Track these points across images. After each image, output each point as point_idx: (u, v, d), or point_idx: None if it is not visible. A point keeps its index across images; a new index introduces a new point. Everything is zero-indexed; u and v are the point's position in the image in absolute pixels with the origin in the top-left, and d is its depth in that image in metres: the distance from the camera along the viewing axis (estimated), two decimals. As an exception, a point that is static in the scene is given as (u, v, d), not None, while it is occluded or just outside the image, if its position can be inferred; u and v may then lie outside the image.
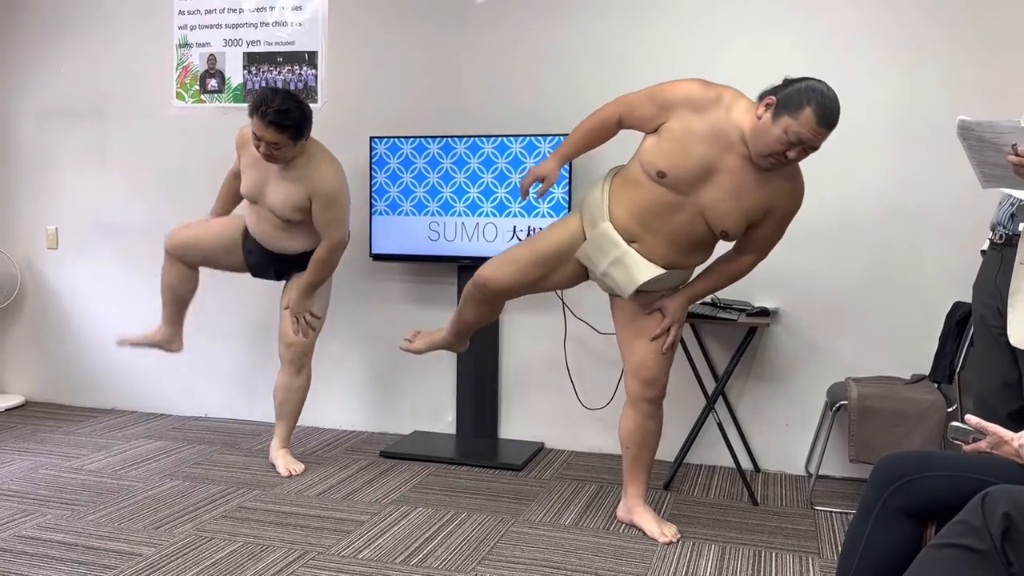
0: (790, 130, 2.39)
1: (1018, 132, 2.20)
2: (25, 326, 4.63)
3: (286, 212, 3.26)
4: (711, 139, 2.52)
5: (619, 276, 2.70)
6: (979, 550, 1.36)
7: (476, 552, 2.67)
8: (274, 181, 3.26)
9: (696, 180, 2.55)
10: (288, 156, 3.17)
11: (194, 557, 2.59)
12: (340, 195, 3.27)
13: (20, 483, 3.26)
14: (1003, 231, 2.37)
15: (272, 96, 3.06)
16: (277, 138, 3.07)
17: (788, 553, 2.72)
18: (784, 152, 2.42)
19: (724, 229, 2.62)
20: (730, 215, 2.57)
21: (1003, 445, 1.68)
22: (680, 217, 2.62)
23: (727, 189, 2.54)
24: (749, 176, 2.53)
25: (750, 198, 2.56)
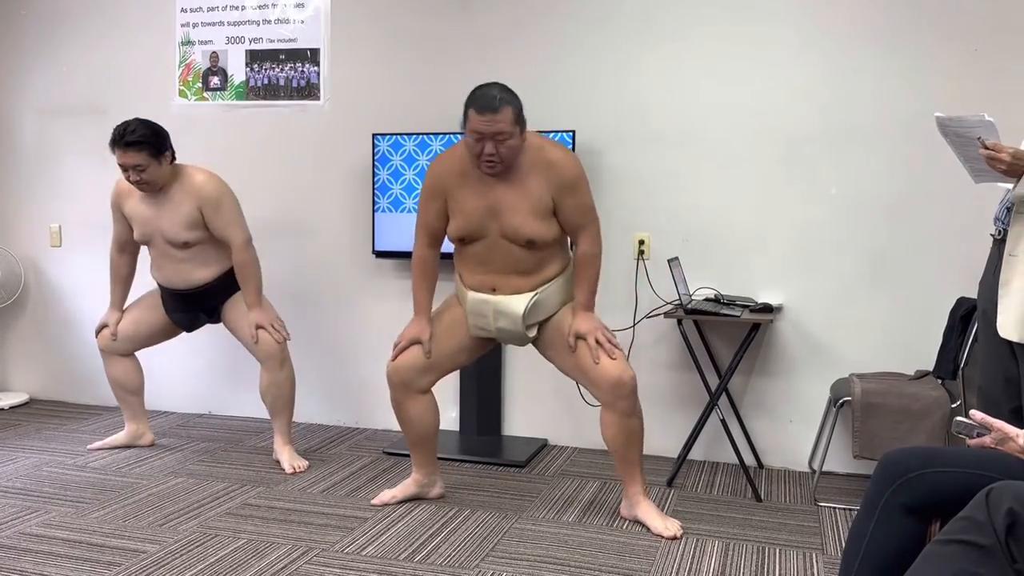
0: (469, 133, 2.65)
1: (983, 125, 2.21)
2: (29, 324, 4.64)
3: (182, 233, 3.34)
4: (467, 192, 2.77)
5: (508, 323, 2.85)
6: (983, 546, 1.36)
7: (479, 549, 2.67)
8: (160, 211, 3.36)
9: (481, 223, 2.77)
10: (157, 177, 3.29)
11: (198, 554, 2.59)
12: (224, 195, 3.36)
13: (24, 480, 3.27)
14: (1001, 226, 2.37)
15: (121, 125, 3.26)
16: (138, 158, 3.23)
17: (792, 549, 2.72)
18: (481, 151, 2.64)
19: (527, 239, 2.74)
20: (522, 226, 2.72)
21: (1008, 441, 1.68)
22: (502, 252, 2.78)
23: (504, 212, 2.73)
24: (504, 191, 2.72)
25: (522, 199, 2.71)
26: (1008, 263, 2.28)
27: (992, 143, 2.20)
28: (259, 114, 4.17)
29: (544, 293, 2.83)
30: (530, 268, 2.80)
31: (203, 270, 3.44)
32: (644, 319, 3.67)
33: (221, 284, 3.47)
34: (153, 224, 3.40)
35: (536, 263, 2.80)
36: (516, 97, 2.66)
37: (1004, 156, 2.18)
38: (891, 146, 3.39)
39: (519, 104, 2.66)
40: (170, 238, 3.37)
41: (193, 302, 3.50)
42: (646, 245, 3.68)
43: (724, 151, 3.57)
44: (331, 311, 4.14)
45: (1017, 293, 2.24)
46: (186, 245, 3.38)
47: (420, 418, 2.97)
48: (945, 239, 3.35)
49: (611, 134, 3.68)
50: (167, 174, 3.33)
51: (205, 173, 3.39)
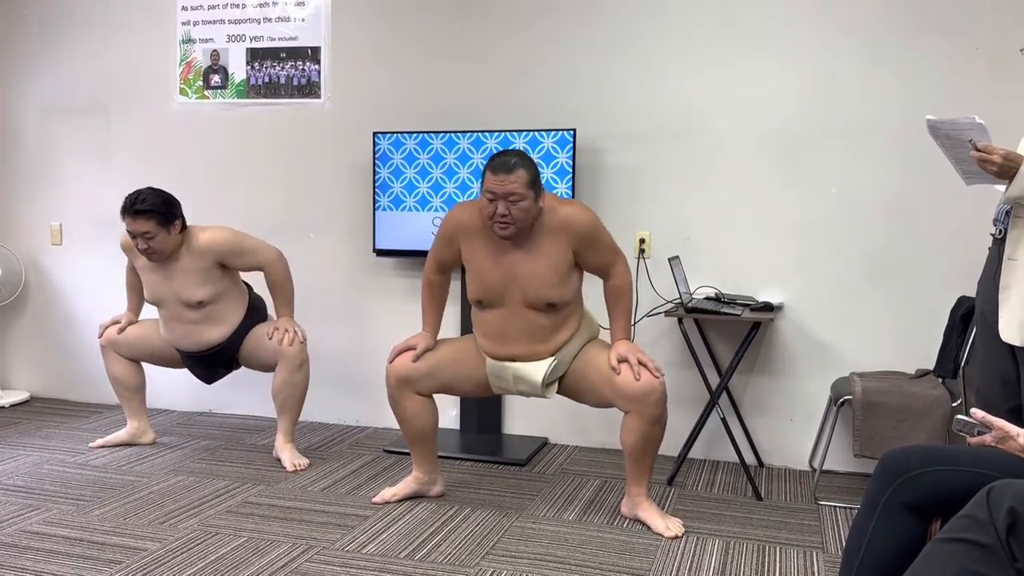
0: (483, 193, 2.70)
1: (975, 128, 2.22)
2: (29, 322, 4.64)
3: (197, 292, 3.34)
4: (486, 252, 2.79)
5: (529, 388, 2.87)
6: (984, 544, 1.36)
7: (480, 547, 2.68)
8: (172, 274, 3.36)
9: (501, 290, 2.78)
10: (166, 245, 3.28)
11: (199, 552, 2.59)
12: (233, 235, 3.37)
13: (25, 478, 3.27)
14: (1001, 227, 2.37)
15: (133, 193, 3.27)
16: (147, 226, 3.23)
17: (792, 548, 2.72)
18: (493, 212, 2.67)
19: (549, 303, 2.76)
20: (542, 289, 2.74)
21: (1008, 440, 1.68)
22: (521, 320, 2.79)
23: (523, 277, 2.75)
24: (525, 256, 2.75)
25: (542, 265, 2.73)
26: (1008, 267, 2.29)
27: (983, 145, 2.21)
28: (260, 112, 4.17)
29: (562, 353, 2.84)
30: (548, 333, 2.80)
31: (216, 330, 3.43)
32: (645, 318, 3.67)
33: (234, 340, 3.48)
34: (165, 288, 3.39)
35: (554, 326, 2.80)
36: (533, 164, 2.70)
37: (995, 158, 2.18)
38: (891, 145, 3.39)
39: (535, 170, 2.69)
40: (185, 299, 3.36)
41: (209, 360, 3.52)
42: (647, 244, 3.68)
43: (725, 150, 3.57)
44: (331, 309, 4.14)
45: (1017, 297, 2.25)
46: (200, 304, 3.36)
47: (417, 416, 2.98)
48: (946, 238, 3.35)
49: (612, 133, 3.68)
50: (176, 243, 3.32)
51: (208, 230, 3.36)
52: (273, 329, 3.43)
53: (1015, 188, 2.19)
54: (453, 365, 2.93)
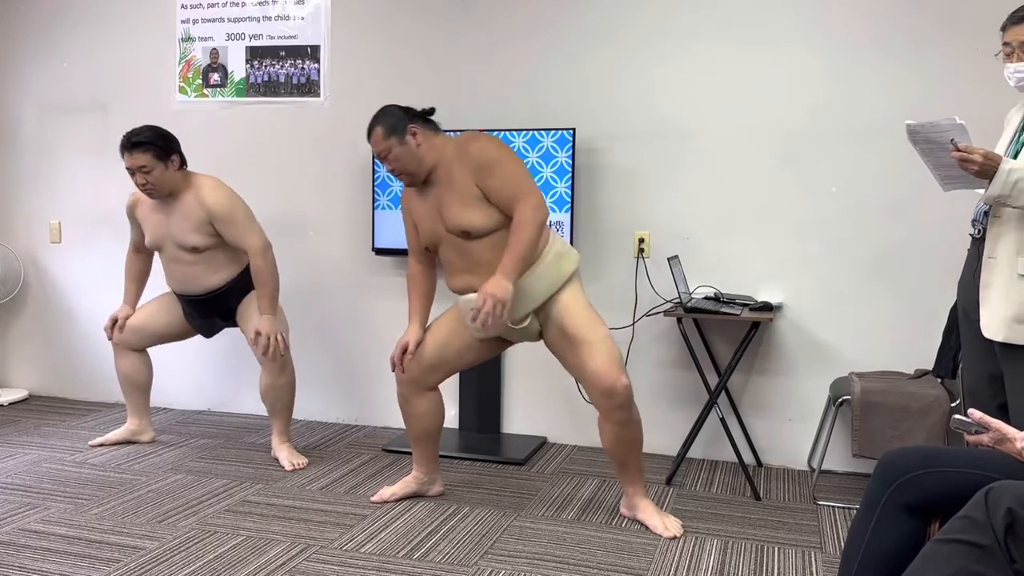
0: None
1: (955, 128, 2.24)
2: (28, 320, 4.64)
3: (192, 237, 3.35)
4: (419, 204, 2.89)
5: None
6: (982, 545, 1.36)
7: (478, 546, 2.67)
8: (170, 217, 3.37)
9: (433, 227, 2.85)
10: (165, 181, 3.30)
11: (197, 551, 2.59)
12: (234, 204, 3.35)
13: (23, 477, 3.27)
14: (980, 226, 2.40)
15: (131, 131, 3.30)
16: (144, 160, 3.25)
17: (791, 548, 2.72)
18: (391, 173, 2.87)
19: (462, 229, 2.77)
20: (456, 217, 2.76)
21: (1006, 442, 1.68)
22: (458, 249, 2.81)
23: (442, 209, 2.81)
24: (438, 191, 2.81)
25: (451, 195, 2.77)
26: (987, 265, 2.33)
27: (964, 145, 2.23)
28: (259, 111, 4.16)
29: (524, 281, 2.75)
30: (489, 261, 2.77)
31: (214, 275, 3.43)
32: (644, 317, 3.67)
33: (234, 288, 3.47)
34: (163, 229, 3.40)
35: (492, 247, 2.76)
36: (388, 114, 2.78)
37: (976, 157, 2.21)
38: (891, 145, 3.38)
39: (390, 118, 2.77)
40: (180, 242, 3.37)
41: (208, 307, 3.50)
42: (646, 243, 3.68)
43: (724, 149, 3.57)
44: (331, 308, 4.14)
45: (997, 295, 2.30)
46: (195, 250, 3.37)
47: (426, 414, 2.98)
48: (944, 238, 3.35)
49: (611, 132, 3.68)
50: (175, 179, 3.33)
51: (214, 183, 3.36)
52: (255, 333, 3.37)
53: (995, 187, 2.22)
54: (453, 340, 2.92)
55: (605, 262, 3.73)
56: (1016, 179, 2.19)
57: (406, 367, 2.93)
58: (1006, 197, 2.22)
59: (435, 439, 3.03)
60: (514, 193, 2.69)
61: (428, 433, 3.01)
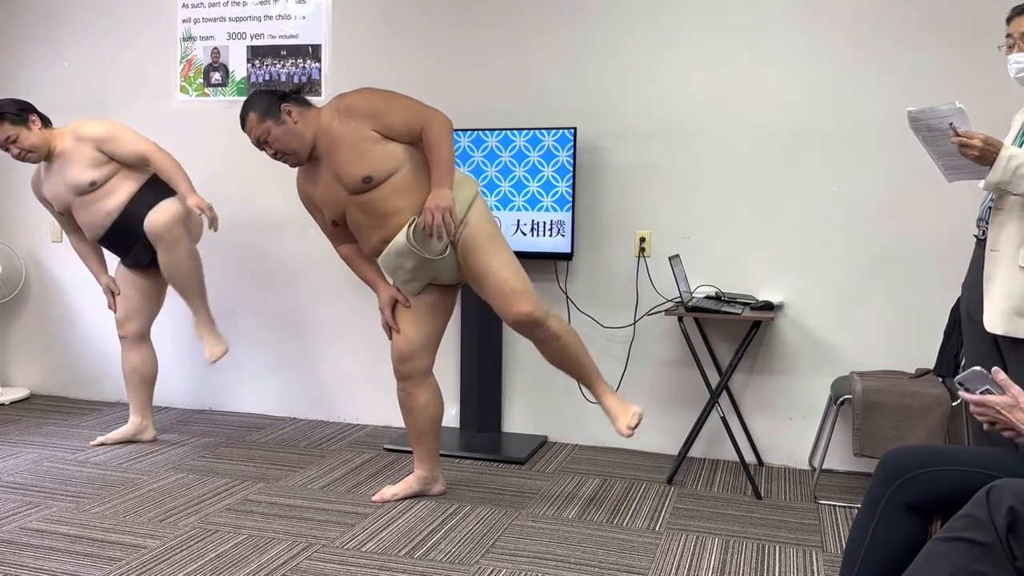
0: None
1: (955, 113, 2.22)
2: (30, 319, 4.64)
3: (87, 174, 3.43)
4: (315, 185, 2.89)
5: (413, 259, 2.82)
6: (984, 543, 1.36)
7: (479, 545, 2.68)
8: (62, 170, 3.47)
9: (333, 197, 2.85)
10: (35, 142, 3.41)
11: (199, 549, 2.60)
12: (110, 124, 3.46)
13: (25, 476, 3.27)
14: (984, 226, 2.38)
15: None
16: (7, 131, 3.36)
17: (792, 547, 2.72)
18: (272, 158, 2.88)
19: (362, 177, 2.76)
20: (350, 171, 2.76)
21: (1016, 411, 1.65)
22: (362, 206, 2.81)
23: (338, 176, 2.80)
24: (326, 161, 2.81)
25: (341, 155, 2.77)
26: (990, 258, 2.31)
27: (964, 130, 2.21)
28: (260, 110, 4.16)
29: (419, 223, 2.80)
30: (396, 205, 2.79)
31: (113, 198, 3.47)
32: (645, 316, 3.67)
33: (135, 207, 3.49)
34: (61, 187, 3.49)
35: (396, 194, 2.79)
36: (258, 97, 2.79)
37: (976, 143, 2.19)
38: (892, 144, 3.38)
39: (261, 102, 2.78)
40: (78, 186, 3.44)
41: (123, 235, 3.52)
42: (647, 243, 3.68)
43: (725, 149, 3.57)
44: (331, 307, 4.14)
45: (1000, 287, 2.28)
46: (92, 185, 3.43)
47: (427, 405, 3.00)
48: (946, 237, 3.35)
49: (612, 132, 3.68)
50: (44, 139, 3.43)
51: (82, 122, 3.47)
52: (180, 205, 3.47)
53: (995, 173, 2.20)
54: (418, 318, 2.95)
55: (606, 261, 3.73)
56: (1017, 165, 2.16)
57: (401, 358, 2.94)
58: (1006, 184, 2.19)
59: (436, 433, 3.05)
60: (416, 117, 2.77)
61: (430, 425, 3.02)
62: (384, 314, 2.97)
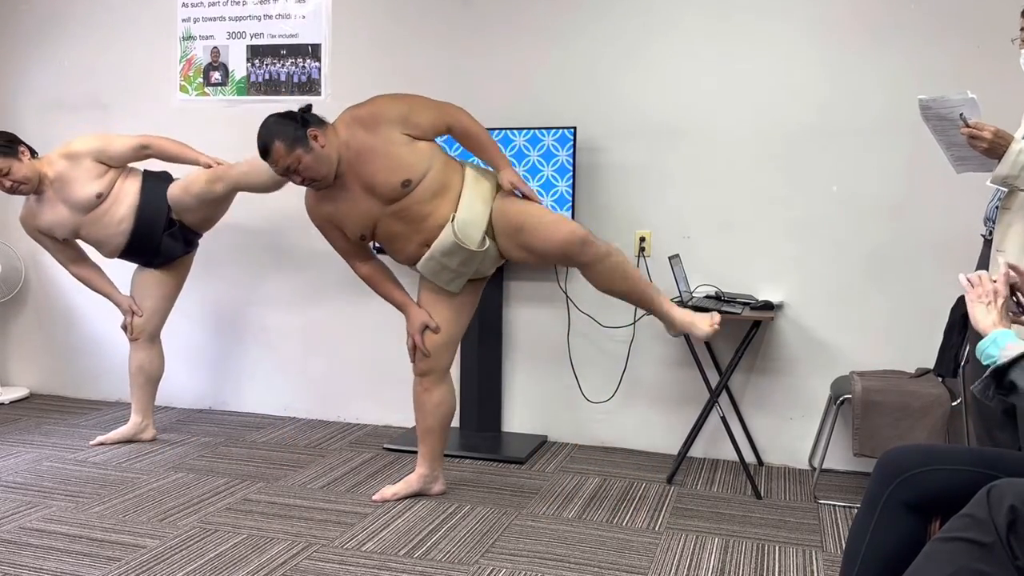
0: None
1: (967, 103, 2.20)
2: (29, 319, 4.64)
3: (92, 186, 3.42)
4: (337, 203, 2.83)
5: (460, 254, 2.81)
6: (984, 543, 1.36)
7: (479, 545, 2.67)
8: (64, 196, 3.44)
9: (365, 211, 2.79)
10: (26, 174, 3.37)
11: (198, 549, 2.59)
12: (100, 138, 3.47)
13: (25, 475, 3.27)
14: (991, 226, 2.37)
15: None
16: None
17: (791, 546, 2.72)
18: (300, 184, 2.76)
19: (402, 181, 2.73)
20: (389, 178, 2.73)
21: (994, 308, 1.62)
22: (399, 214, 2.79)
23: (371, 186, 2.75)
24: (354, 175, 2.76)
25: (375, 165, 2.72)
26: (995, 260, 2.29)
27: (974, 121, 2.20)
28: (260, 109, 4.16)
29: (462, 207, 2.79)
30: (431, 206, 2.78)
31: (122, 204, 3.47)
32: (645, 316, 3.67)
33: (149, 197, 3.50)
34: (64, 210, 3.46)
35: (432, 194, 2.77)
36: (282, 125, 2.69)
37: (985, 134, 2.17)
38: (892, 143, 3.38)
39: (285, 129, 2.69)
40: (84, 200, 3.43)
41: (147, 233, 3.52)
42: (647, 242, 3.68)
43: (725, 148, 3.57)
44: (332, 307, 4.14)
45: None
46: (99, 196, 3.43)
47: (441, 404, 3.00)
48: (946, 236, 3.35)
49: (612, 131, 3.68)
50: (34, 169, 3.40)
51: (68, 143, 3.46)
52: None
53: (1003, 167, 2.18)
54: (446, 318, 2.95)
55: (606, 261, 3.72)
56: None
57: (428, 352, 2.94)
58: (1014, 178, 2.17)
59: (443, 433, 3.05)
60: (440, 113, 2.80)
61: (439, 424, 3.02)
62: (415, 339, 2.94)
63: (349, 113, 2.80)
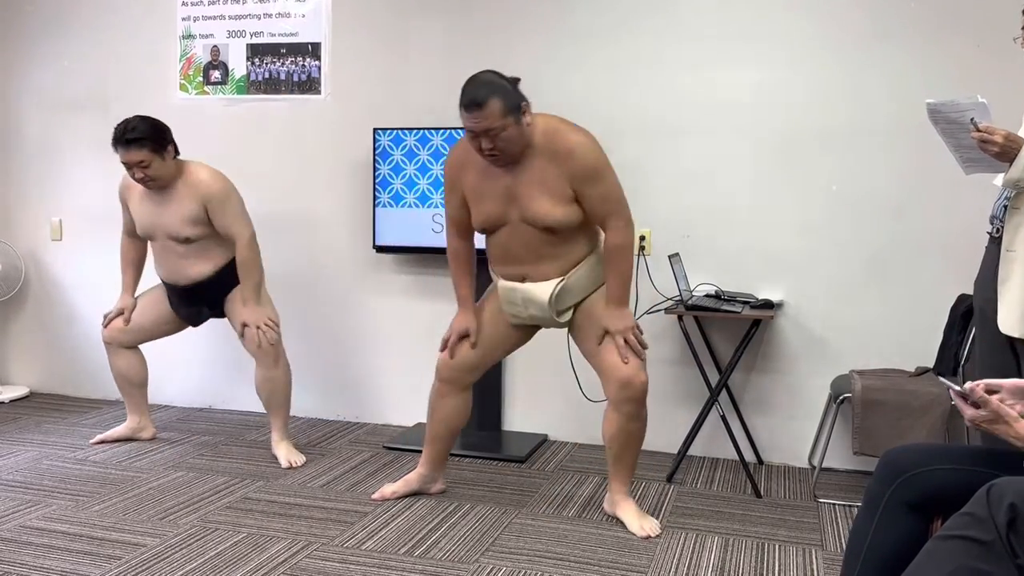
0: (465, 129, 2.59)
1: (978, 107, 2.19)
2: (30, 317, 4.64)
3: (184, 229, 3.34)
4: (482, 180, 2.72)
5: (538, 311, 2.81)
6: (984, 541, 1.36)
7: (479, 543, 2.68)
8: (164, 206, 3.37)
9: (501, 211, 2.72)
10: (163, 173, 3.29)
11: (198, 548, 2.59)
12: (229, 192, 3.36)
13: (25, 474, 3.27)
14: (999, 224, 2.36)
15: (122, 123, 3.26)
16: (141, 155, 3.22)
17: (791, 545, 2.72)
18: (479, 147, 2.58)
19: (547, 225, 2.68)
20: (541, 211, 2.66)
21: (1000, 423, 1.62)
22: (525, 238, 2.73)
23: (521, 197, 2.68)
24: (519, 176, 2.66)
25: (538, 188, 2.65)
26: (1006, 259, 2.28)
27: (985, 125, 2.19)
28: (260, 108, 4.16)
29: (572, 278, 2.77)
30: (556, 253, 2.74)
31: (203, 264, 3.43)
32: (645, 315, 3.67)
33: (221, 277, 3.46)
34: (155, 220, 3.40)
35: (562, 247, 2.73)
36: (505, 86, 2.53)
37: (997, 139, 2.16)
38: (893, 143, 3.38)
39: (509, 93, 2.53)
40: (172, 233, 3.37)
41: (195, 296, 3.50)
42: (647, 241, 3.68)
43: (725, 147, 3.57)
44: (332, 305, 4.14)
45: (1016, 289, 2.25)
46: (187, 241, 3.37)
47: (454, 413, 2.97)
48: (946, 235, 3.35)
49: (612, 129, 3.68)
50: (171, 169, 3.32)
51: (209, 170, 3.37)
52: (242, 325, 3.41)
53: (1015, 170, 2.17)
54: (491, 330, 2.91)
55: (606, 260, 3.73)
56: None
57: (456, 360, 2.90)
58: None
59: (452, 439, 3.03)
60: (609, 208, 2.67)
61: (449, 431, 3.00)
62: (451, 338, 2.90)
63: (557, 123, 2.65)
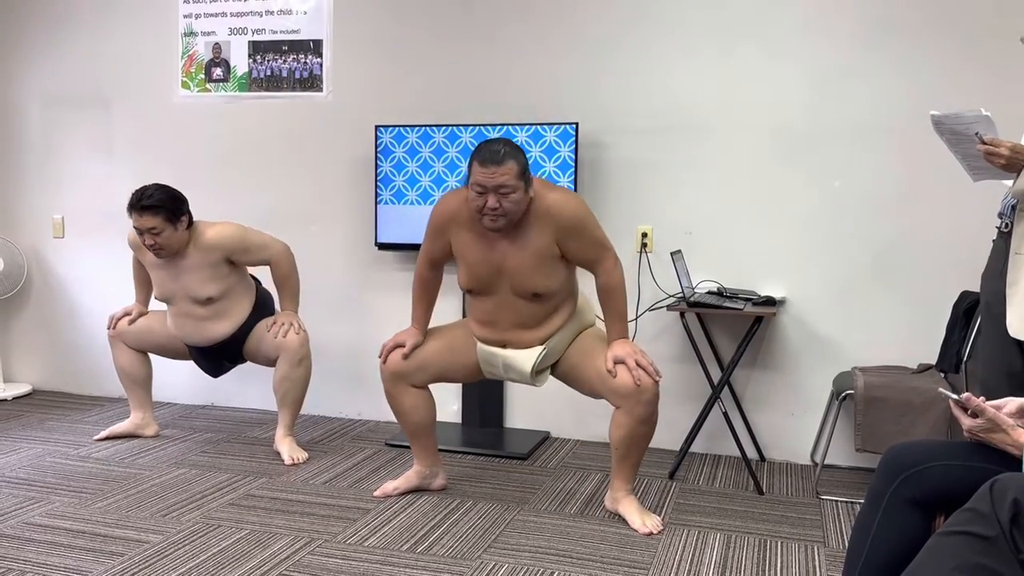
0: (472, 187, 2.62)
1: (981, 120, 2.20)
2: (32, 315, 4.64)
3: (207, 288, 3.34)
4: (473, 243, 2.75)
5: (519, 376, 2.87)
6: (987, 537, 1.36)
7: (481, 540, 2.68)
8: (180, 272, 3.35)
9: (491, 280, 2.75)
10: (173, 242, 3.26)
11: (201, 544, 2.60)
12: (242, 232, 3.36)
13: (28, 471, 3.28)
14: (1007, 220, 2.36)
15: (140, 189, 3.25)
16: (154, 222, 3.21)
17: (793, 542, 2.72)
18: (483, 205, 2.60)
19: (534, 293, 2.73)
20: (528, 281, 2.71)
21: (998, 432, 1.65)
22: (514, 307, 2.77)
23: (510, 269, 2.72)
24: (511, 245, 2.70)
25: (529, 256, 2.69)
26: (1015, 262, 2.28)
27: (990, 138, 2.19)
28: (262, 106, 4.16)
29: (552, 343, 2.82)
30: (539, 321, 2.79)
31: (222, 324, 3.43)
32: (647, 312, 3.67)
33: (240, 334, 3.48)
34: (174, 284, 3.39)
35: (545, 315, 2.79)
36: (522, 153, 2.63)
37: (1002, 151, 2.17)
38: (894, 139, 3.38)
39: (524, 160, 2.62)
40: (195, 296, 3.36)
41: (216, 353, 3.52)
42: (649, 238, 3.67)
43: (728, 144, 3.57)
44: (333, 303, 4.14)
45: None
46: (210, 300, 3.37)
47: (414, 409, 2.97)
48: (948, 232, 3.34)
49: (614, 126, 3.68)
50: (183, 240, 3.29)
51: (215, 226, 3.35)
52: (273, 323, 3.43)
53: (1022, 182, 2.18)
54: (444, 355, 2.93)
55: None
56: None
57: (391, 360, 2.92)
58: None
59: (430, 433, 3.03)
60: (596, 255, 2.73)
61: (421, 427, 3.00)
62: (391, 342, 2.92)
63: (555, 190, 2.69)
